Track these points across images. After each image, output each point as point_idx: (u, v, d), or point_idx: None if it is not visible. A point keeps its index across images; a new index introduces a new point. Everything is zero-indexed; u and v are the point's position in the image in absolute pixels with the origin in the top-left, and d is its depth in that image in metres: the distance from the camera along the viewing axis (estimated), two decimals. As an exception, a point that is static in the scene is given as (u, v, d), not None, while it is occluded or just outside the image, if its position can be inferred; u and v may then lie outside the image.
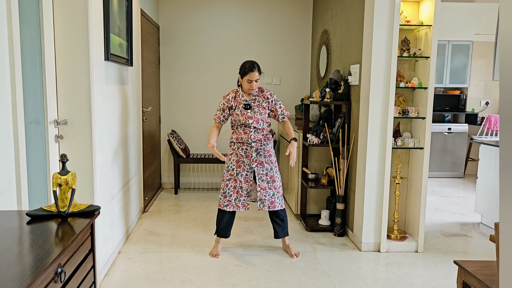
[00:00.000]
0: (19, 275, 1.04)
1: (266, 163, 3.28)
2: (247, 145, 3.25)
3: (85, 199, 2.65)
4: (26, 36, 2.16)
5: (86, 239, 1.52)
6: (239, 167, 3.27)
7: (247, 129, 3.24)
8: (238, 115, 3.23)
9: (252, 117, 3.21)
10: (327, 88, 4.03)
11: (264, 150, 3.27)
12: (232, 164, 3.29)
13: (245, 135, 3.24)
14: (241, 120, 3.22)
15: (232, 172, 3.28)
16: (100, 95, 2.79)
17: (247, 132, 3.24)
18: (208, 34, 5.50)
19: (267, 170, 3.28)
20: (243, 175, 3.27)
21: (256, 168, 3.27)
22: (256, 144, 3.24)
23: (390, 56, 3.33)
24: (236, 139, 3.29)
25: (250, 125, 3.22)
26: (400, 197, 3.73)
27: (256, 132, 3.24)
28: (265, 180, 3.27)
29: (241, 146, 3.26)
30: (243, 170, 3.27)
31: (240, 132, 3.26)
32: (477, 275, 2.04)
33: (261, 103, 3.26)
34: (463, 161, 6.56)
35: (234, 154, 3.30)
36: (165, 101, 5.54)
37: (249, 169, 3.28)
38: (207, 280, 2.92)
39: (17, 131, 1.85)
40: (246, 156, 3.26)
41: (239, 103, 3.25)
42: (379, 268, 3.19)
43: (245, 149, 3.25)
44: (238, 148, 3.28)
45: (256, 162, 3.26)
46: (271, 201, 3.27)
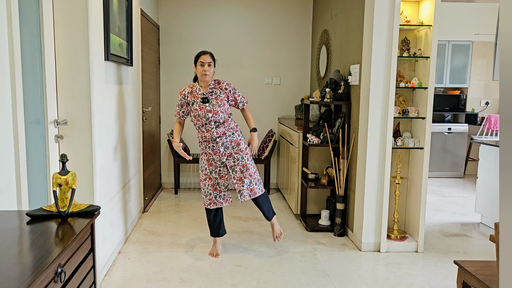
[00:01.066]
0: (19, 275, 1.04)
1: (235, 154, 3.24)
2: (213, 142, 3.21)
3: (85, 199, 2.65)
4: (26, 36, 2.16)
5: (86, 239, 1.52)
6: (211, 165, 3.27)
7: (208, 126, 3.18)
8: (197, 110, 3.17)
9: (211, 110, 3.15)
10: (327, 88, 4.03)
11: (230, 141, 3.23)
12: (204, 164, 3.29)
13: (208, 133, 3.19)
14: (201, 115, 3.16)
15: (206, 171, 3.28)
16: (100, 95, 2.79)
17: (209, 129, 3.19)
18: (208, 34, 5.50)
19: (238, 160, 3.25)
20: (217, 172, 3.27)
21: (227, 162, 3.25)
22: (220, 139, 3.20)
23: (390, 56, 3.34)
24: (201, 138, 3.26)
25: (210, 119, 3.16)
26: (400, 197, 3.73)
27: (218, 127, 3.19)
28: (238, 170, 3.24)
29: (208, 144, 3.23)
30: (215, 167, 3.27)
31: (203, 131, 3.21)
32: (477, 275, 2.04)
33: (218, 95, 3.20)
34: (463, 161, 6.56)
35: (204, 153, 3.29)
36: (165, 101, 5.54)
37: (221, 164, 3.27)
38: (207, 280, 2.92)
39: (17, 131, 1.85)
40: (215, 153, 3.23)
41: (196, 98, 3.19)
42: (379, 268, 3.19)
43: (211, 147, 3.22)
44: (205, 147, 3.26)
45: (225, 156, 3.24)
46: (250, 188, 3.25)
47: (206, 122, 3.18)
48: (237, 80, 5.54)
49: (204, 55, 3.17)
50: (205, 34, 5.49)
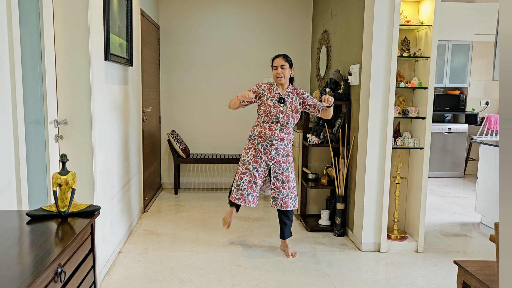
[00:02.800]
0: (19, 275, 1.04)
1: (283, 163, 3.27)
2: (268, 142, 3.22)
3: (85, 199, 2.65)
4: (26, 36, 2.16)
5: (86, 239, 1.52)
6: (256, 163, 3.26)
7: (274, 125, 3.21)
8: (270, 106, 3.19)
9: (284, 112, 3.19)
10: (327, 88, 4.03)
11: (283, 149, 3.26)
12: (249, 158, 3.27)
13: (270, 131, 3.21)
14: (272, 112, 3.19)
15: (248, 166, 3.26)
16: (100, 95, 2.79)
17: (272, 129, 3.21)
18: (208, 34, 5.50)
19: (283, 169, 3.27)
20: (259, 171, 3.27)
21: (273, 166, 3.27)
22: (277, 142, 3.23)
23: (390, 56, 3.33)
24: (258, 133, 3.25)
25: (279, 120, 3.19)
26: (400, 197, 3.73)
27: (281, 131, 3.22)
28: (280, 179, 3.27)
29: (262, 142, 3.23)
30: (260, 166, 3.26)
31: (265, 127, 3.22)
32: (477, 275, 2.04)
33: (294, 101, 3.23)
34: (463, 161, 6.56)
35: (252, 148, 3.28)
36: (165, 101, 5.54)
37: (266, 166, 3.28)
38: (207, 280, 2.92)
39: (17, 131, 1.85)
40: (265, 153, 3.24)
41: (273, 95, 3.22)
42: (379, 268, 3.19)
43: (265, 146, 3.23)
44: (257, 144, 3.25)
45: (273, 160, 3.25)
46: (284, 200, 3.27)
47: (274, 121, 3.20)
48: (237, 80, 5.54)
49: (277, 58, 3.23)
50: (205, 34, 5.49)
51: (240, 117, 5.60)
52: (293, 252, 3.37)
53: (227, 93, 5.57)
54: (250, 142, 3.30)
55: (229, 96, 5.54)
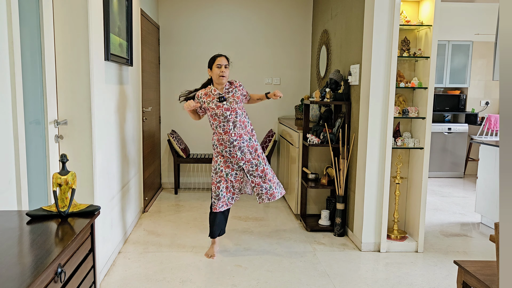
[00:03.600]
0: (19, 275, 1.04)
1: (253, 159, 3.25)
2: (230, 146, 3.19)
3: (85, 199, 2.65)
4: (26, 36, 2.16)
5: (86, 239, 1.52)
6: (228, 167, 3.26)
7: (226, 126, 3.18)
8: (214, 109, 3.18)
9: (229, 108, 3.17)
10: (327, 88, 4.03)
11: (247, 146, 3.23)
12: (220, 165, 3.26)
13: (226, 135, 3.18)
14: (218, 113, 3.17)
15: (221, 173, 3.25)
16: (100, 95, 2.79)
17: (227, 131, 3.18)
18: (208, 34, 5.50)
19: (256, 165, 3.26)
20: (233, 175, 3.27)
21: (245, 166, 3.25)
22: (238, 142, 3.18)
23: (390, 56, 3.33)
24: (217, 140, 3.23)
25: (228, 118, 3.16)
26: (400, 197, 3.73)
27: (236, 128, 3.18)
28: (257, 175, 3.26)
29: (224, 148, 3.21)
30: (232, 169, 3.26)
31: (220, 132, 3.20)
32: (477, 275, 2.04)
33: (234, 93, 3.24)
34: (463, 161, 6.56)
35: (219, 155, 3.27)
36: (165, 101, 5.54)
37: (238, 168, 3.27)
38: (207, 280, 2.92)
39: (17, 131, 1.85)
40: (232, 156, 3.22)
41: (212, 98, 3.21)
42: (379, 268, 3.19)
43: (228, 151, 3.20)
44: (222, 150, 3.24)
45: (243, 160, 3.23)
46: (270, 193, 3.28)
47: (224, 122, 3.17)
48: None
49: (221, 57, 3.23)
50: (205, 34, 5.49)
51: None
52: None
53: (227, 93, 5.56)
54: (215, 151, 3.29)
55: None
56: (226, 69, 3.21)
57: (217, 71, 3.20)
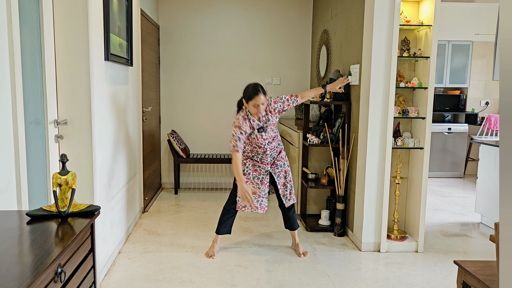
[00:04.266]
0: (19, 275, 1.04)
1: (277, 161, 3.34)
2: (263, 154, 3.27)
3: (85, 199, 2.65)
4: (26, 36, 2.16)
5: (86, 239, 1.52)
6: (255, 171, 3.32)
7: (262, 146, 3.24)
8: (256, 139, 3.20)
9: (267, 138, 3.22)
10: (327, 88, 4.03)
11: (276, 152, 3.33)
12: (248, 168, 3.30)
13: (260, 149, 3.25)
14: (259, 143, 3.22)
15: (249, 176, 3.30)
16: (100, 95, 2.79)
17: (261, 146, 3.24)
18: (208, 34, 5.50)
19: (281, 166, 3.34)
20: (260, 178, 3.32)
21: (271, 169, 3.32)
22: (270, 151, 3.28)
23: (390, 56, 3.33)
24: (250, 151, 3.30)
25: (264, 138, 3.22)
26: (400, 197, 3.73)
27: (269, 144, 3.26)
28: (282, 176, 3.34)
29: (256, 155, 3.29)
30: (259, 173, 3.32)
31: (256, 148, 3.26)
32: (477, 275, 2.04)
33: (271, 120, 3.21)
34: (463, 161, 6.56)
35: (249, 159, 3.32)
36: (165, 101, 5.54)
37: (265, 172, 3.32)
38: (207, 280, 2.92)
39: (17, 131, 1.85)
40: (262, 162, 3.30)
41: (250, 126, 3.15)
42: (379, 268, 3.19)
43: (260, 157, 3.29)
44: (254, 156, 3.30)
45: (269, 164, 3.33)
46: (291, 194, 3.36)
47: (259, 143, 3.22)
48: (237, 80, 5.54)
49: (257, 96, 3.00)
50: (205, 34, 5.49)
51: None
52: (304, 251, 3.39)
53: (227, 93, 5.57)
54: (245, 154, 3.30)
55: (229, 96, 5.55)
56: (263, 105, 3.05)
57: (254, 110, 3.06)
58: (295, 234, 3.44)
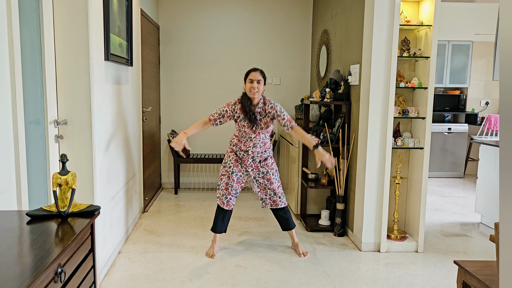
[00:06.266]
0: (19, 275, 1.04)
1: (261, 167, 3.33)
2: (244, 153, 3.29)
3: (85, 199, 2.65)
4: (26, 36, 2.16)
5: (86, 239, 1.52)
6: (236, 166, 3.31)
7: (248, 143, 3.25)
8: (244, 126, 3.22)
9: (255, 131, 3.22)
10: (327, 88, 4.03)
11: (260, 156, 3.32)
12: (230, 161, 3.32)
13: (244, 147, 3.27)
14: (246, 132, 3.23)
15: (228, 169, 3.31)
16: (100, 95, 2.79)
17: (246, 145, 3.26)
18: (208, 34, 5.50)
19: (263, 173, 3.33)
20: (238, 175, 3.30)
21: (252, 172, 3.33)
22: (253, 152, 3.28)
23: (390, 56, 3.33)
24: (236, 144, 3.31)
25: (252, 138, 3.23)
26: (400, 197, 3.73)
27: (255, 147, 3.26)
28: (262, 182, 3.35)
29: (239, 150, 3.30)
30: (239, 170, 3.31)
31: (241, 142, 3.27)
32: (477, 275, 2.04)
33: (264, 117, 3.21)
34: (463, 161, 6.56)
35: (233, 153, 3.34)
36: (165, 101, 5.54)
37: (245, 171, 3.33)
38: (207, 280, 2.92)
39: (17, 131, 1.85)
40: (243, 160, 3.31)
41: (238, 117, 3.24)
42: (379, 268, 3.19)
43: (242, 154, 3.30)
44: (236, 151, 3.32)
45: (251, 166, 3.32)
46: (273, 199, 3.35)
47: (247, 139, 3.25)
48: (237, 80, 5.54)
49: (254, 72, 3.18)
50: (205, 34, 5.49)
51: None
52: (304, 251, 3.39)
53: (227, 93, 5.57)
54: (230, 146, 3.36)
55: (229, 96, 5.55)
56: (258, 84, 3.15)
57: (249, 86, 3.17)
58: (293, 234, 3.44)
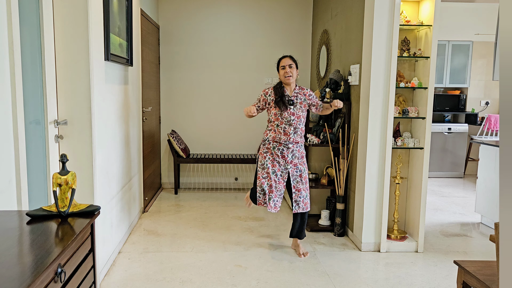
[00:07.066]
0: (19, 275, 1.04)
1: (299, 165, 3.28)
2: (284, 146, 3.22)
3: (85, 199, 2.65)
4: (26, 36, 2.16)
5: (86, 239, 1.52)
6: (274, 166, 3.26)
7: (288, 129, 3.20)
8: (280, 110, 3.20)
9: (295, 113, 3.21)
10: (327, 88, 4.03)
11: (299, 151, 3.28)
12: (267, 162, 3.26)
13: (285, 136, 3.21)
14: (284, 115, 3.20)
15: (268, 170, 3.25)
16: (100, 95, 2.79)
17: (287, 133, 3.20)
18: (208, 34, 5.50)
19: (301, 171, 3.28)
20: (278, 175, 3.26)
21: (291, 170, 3.26)
22: (293, 146, 3.24)
23: (390, 56, 3.33)
24: (273, 138, 3.24)
25: (291, 122, 3.20)
26: (400, 197, 3.73)
27: (296, 134, 3.22)
28: (299, 181, 3.28)
29: (278, 146, 3.23)
30: (278, 169, 3.26)
31: (280, 132, 3.22)
32: (477, 275, 2.04)
33: (303, 101, 3.26)
34: (463, 161, 6.56)
35: (269, 152, 3.27)
36: (165, 101, 5.54)
37: (284, 169, 3.27)
38: (207, 280, 2.92)
39: (17, 131, 1.85)
40: (282, 156, 3.24)
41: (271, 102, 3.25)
42: (379, 268, 3.19)
43: (281, 150, 3.23)
44: (274, 148, 3.25)
45: (291, 163, 3.26)
46: (305, 202, 3.30)
47: (287, 125, 3.20)
48: (237, 80, 5.54)
49: (284, 59, 3.26)
50: (205, 34, 5.49)
51: (241, 117, 5.60)
52: (304, 251, 3.37)
53: (227, 92, 5.57)
54: (266, 146, 3.28)
55: (229, 96, 5.55)
56: (291, 69, 3.22)
57: (282, 72, 3.23)
58: None
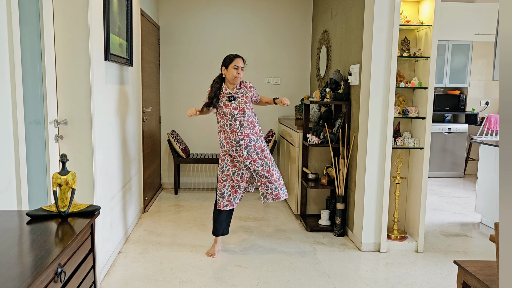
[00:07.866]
0: (19, 275, 1.04)
1: (259, 159, 3.27)
2: (236, 145, 3.21)
3: (85, 199, 2.65)
4: (26, 36, 2.16)
5: (86, 239, 1.52)
6: (235, 167, 3.28)
7: (234, 125, 3.20)
8: (222, 108, 3.23)
9: (237, 107, 3.21)
10: (327, 88, 4.03)
11: (254, 146, 3.25)
12: (227, 164, 3.28)
13: (232, 133, 3.21)
14: (226, 112, 3.21)
15: (228, 172, 3.27)
16: (100, 95, 2.79)
17: (233, 129, 3.20)
18: (208, 34, 5.50)
19: (262, 166, 3.27)
20: (239, 174, 3.28)
21: (251, 165, 3.26)
22: (244, 141, 3.21)
23: (390, 56, 3.33)
24: (224, 139, 3.26)
25: (235, 117, 3.20)
26: (400, 197, 3.73)
27: (243, 128, 3.21)
28: (263, 175, 3.28)
29: (231, 147, 3.24)
30: (239, 169, 3.28)
31: (227, 131, 3.23)
32: (477, 275, 2.04)
33: (244, 93, 3.27)
34: (463, 161, 6.56)
35: (227, 154, 3.29)
36: (165, 101, 5.54)
37: (244, 167, 3.28)
38: (207, 280, 2.92)
39: (17, 131, 1.85)
40: (238, 155, 3.24)
41: (222, 96, 3.26)
42: (379, 268, 3.19)
43: (235, 149, 3.23)
44: (229, 150, 3.26)
45: (249, 159, 3.24)
46: (275, 193, 3.30)
47: (231, 120, 3.21)
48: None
49: (238, 59, 3.25)
50: (205, 34, 5.49)
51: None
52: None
53: (227, 93, 5.56)
54: (223, 150, 3.32)
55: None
56: (242, 71, 3.26)
57: (233, 72, 3.23)
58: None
